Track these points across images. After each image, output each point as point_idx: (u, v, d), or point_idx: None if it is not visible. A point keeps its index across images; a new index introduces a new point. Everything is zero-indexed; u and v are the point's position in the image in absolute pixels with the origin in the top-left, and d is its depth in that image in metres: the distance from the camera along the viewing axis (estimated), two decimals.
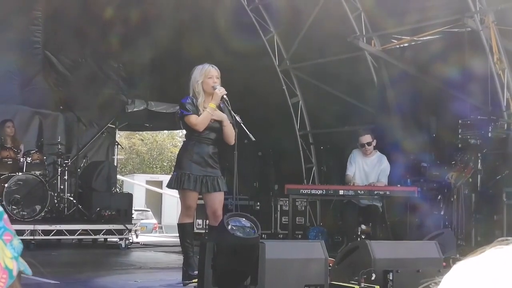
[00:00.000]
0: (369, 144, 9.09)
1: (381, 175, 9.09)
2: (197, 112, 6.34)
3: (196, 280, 5.56)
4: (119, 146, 14.63)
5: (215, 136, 6.47)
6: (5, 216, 0.89)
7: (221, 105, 6.44)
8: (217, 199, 6.43)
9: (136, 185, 26.86)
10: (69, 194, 11.32)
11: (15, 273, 0.87)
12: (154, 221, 25.09)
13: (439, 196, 9.14)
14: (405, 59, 10.61)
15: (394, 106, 10.66)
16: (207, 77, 6.35)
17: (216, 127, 6.44)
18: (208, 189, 6.36)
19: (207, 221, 8.88)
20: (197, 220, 10.89)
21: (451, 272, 0.68)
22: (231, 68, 9.41)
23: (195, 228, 8.98)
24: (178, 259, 8.69)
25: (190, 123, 6.35)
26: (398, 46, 10.64)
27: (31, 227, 9.85)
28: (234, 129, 6.37)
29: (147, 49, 12.44)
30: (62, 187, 11.28)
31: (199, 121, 6.31)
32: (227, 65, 8.22)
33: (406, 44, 10.56)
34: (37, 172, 10.66)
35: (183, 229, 6.56)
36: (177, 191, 6.68)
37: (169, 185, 6.59)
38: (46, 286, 6.24)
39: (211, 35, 11.75)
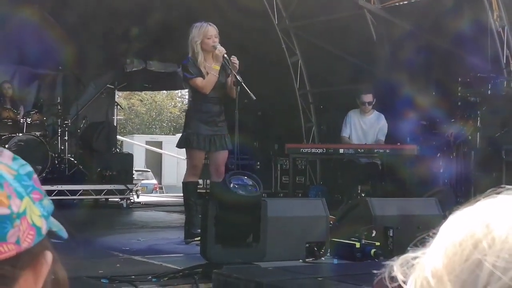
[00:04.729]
0: (370, 103, 9.13)
1: (379, 134, 9.11)
2: (199, 73, 6.37)
3: (198, 238, 5.62)
4: (118, 106, 14.61)
5: (220, 94, 6.52)
6: (35, 176, 0.89)
7: (222, 63, 6.45)
8: (222, 156, 6.56)
9: (136, 145, 26.84)
10: (69, 155, 11.35)
11: (44, 231, 0.86)
12: (154, 181, 25.15)
13: (439, 154, 9.17)
14: (403, 16, 10.53)
15: (392, 62, 10.60)
16: (206, 37, 6.36)
17: (221, 85, 6.48)
18: (216, 147, 6.46)
19: (208, 180, 8.92)
20: None
21: (446, 222, 0.70)
22: (229, 28, 9.34)
23: None
24: (179, 218, 8.76)
25: (196, 86, 6.42)
26: (397, 3, 10.56)
27: None
28: (235, 87, 6.39)
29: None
30: (62, 147, 11.30)
31: (205, 84, 6.37)
32: (225, 24, 8.18)
33: (405, 2, 10.48)
34: (37, 133, 10.67)
35: (188, 187, 6.65)
36: (178, 151, 6.75)
37: (179, 145, 6.72)
38: None
39: None
